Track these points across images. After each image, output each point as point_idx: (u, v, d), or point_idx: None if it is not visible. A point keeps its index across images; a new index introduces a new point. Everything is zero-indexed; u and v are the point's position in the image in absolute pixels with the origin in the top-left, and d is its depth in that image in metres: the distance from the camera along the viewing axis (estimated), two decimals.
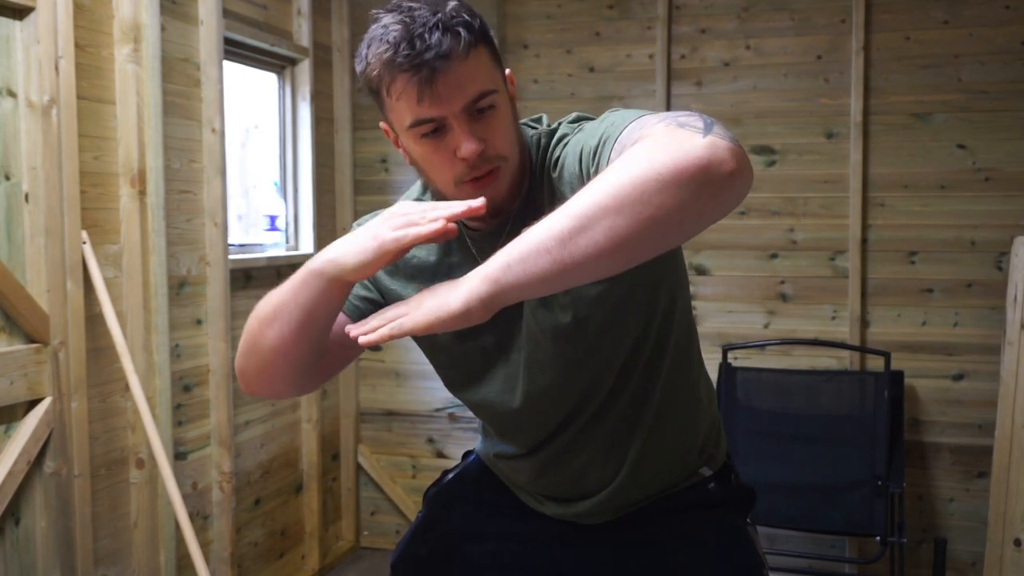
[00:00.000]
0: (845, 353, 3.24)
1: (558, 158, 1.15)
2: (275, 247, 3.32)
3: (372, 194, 3.67)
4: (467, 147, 1.06)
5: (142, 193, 2.46)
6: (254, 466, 3.10)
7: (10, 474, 2.06)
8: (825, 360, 3.28)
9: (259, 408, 3.13)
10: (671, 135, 0.91)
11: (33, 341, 2.15)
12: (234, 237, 3.05)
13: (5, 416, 2.10)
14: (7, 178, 2.11)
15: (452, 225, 0.97)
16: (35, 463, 2.15)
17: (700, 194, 0.86)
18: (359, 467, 3.74)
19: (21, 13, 2.10)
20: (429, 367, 1.33)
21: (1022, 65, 3.07)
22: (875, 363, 3.15)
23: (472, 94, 1.06)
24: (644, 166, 0.87)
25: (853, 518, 2.89)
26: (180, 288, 2.65)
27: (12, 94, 2.11)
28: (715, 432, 1.36)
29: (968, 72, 3.12)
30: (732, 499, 1.34)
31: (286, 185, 3.39)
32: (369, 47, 1.12)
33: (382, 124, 1.16)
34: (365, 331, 0.99)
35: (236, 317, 2.95)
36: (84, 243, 2.27)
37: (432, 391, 3.64)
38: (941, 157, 3.15)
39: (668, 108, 3.32)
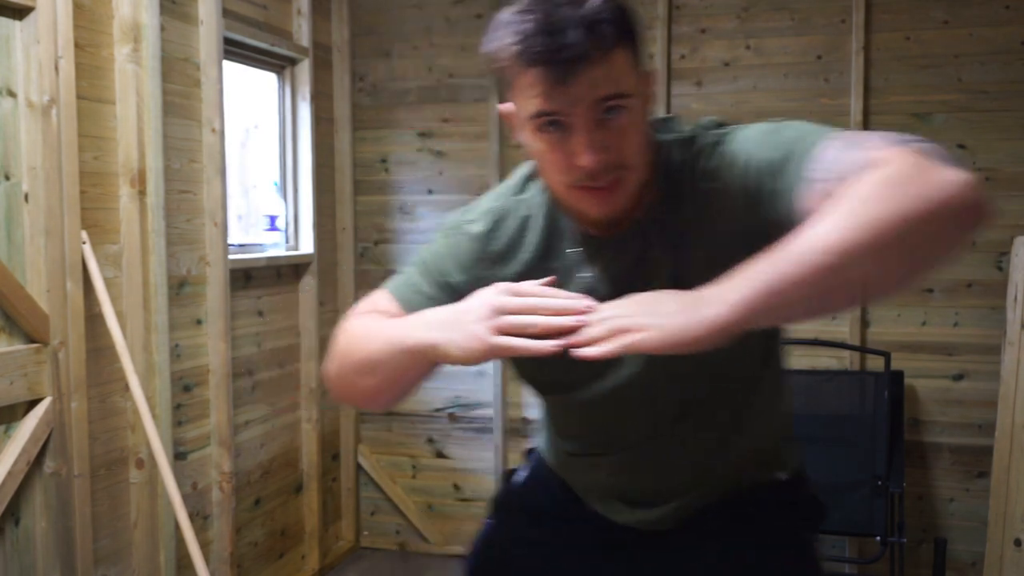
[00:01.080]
0: (845, 353, 3.23)
1: (713, 168, 1.05)
2: (275, 247, 3.32)
3: (372, 194, 3.67)
4: (586, 158, 0.98)
5: (142, 193, 2.46)
6: (254, 466, 3.10)
7: (10, 474, 2.06)
8: (825, 360, 3.28)
9: (259, 408, 3.13)
10: (919, 166, 0.84)
11: (33, 341, 2.15)
12: (234, 237, 3.05)
13: (5, 416, 2.10)
14: (7, 178, 2.10)
15: (558, 346, 0.93)
16: (35, 463, 2.15)
17: (961, 235, 0.84)
18: (359, 467, 3.73)
19: (21, 13, 2.10)
20: None
21: (1022, 65, 3.07)
22: (875, 363, 3.15)
23: (603, 94, 0.98)
24: (907, 202, 0.81)
25: (853, 518, 2.89)
26: (180, 288, 2.65)
27: (12, 94, 2.11)
28: (791, 438, 1.32)
29: (968, 72, 3.12)
30: (802, 507, 1.28)
31: (286, 185, 3.39)
32: (502, 29, 1.01)
33: (501, 109, 1.10)
34: (590, 353, 0.91)
35: (236, 317, 2.95)
36: (84, 243, 2.27)
37: (432, 391, 3.63)
38: None
39: (668, 108, 3.33)
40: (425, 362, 1.04)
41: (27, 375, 2.12)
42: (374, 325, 1.11)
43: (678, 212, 1.08)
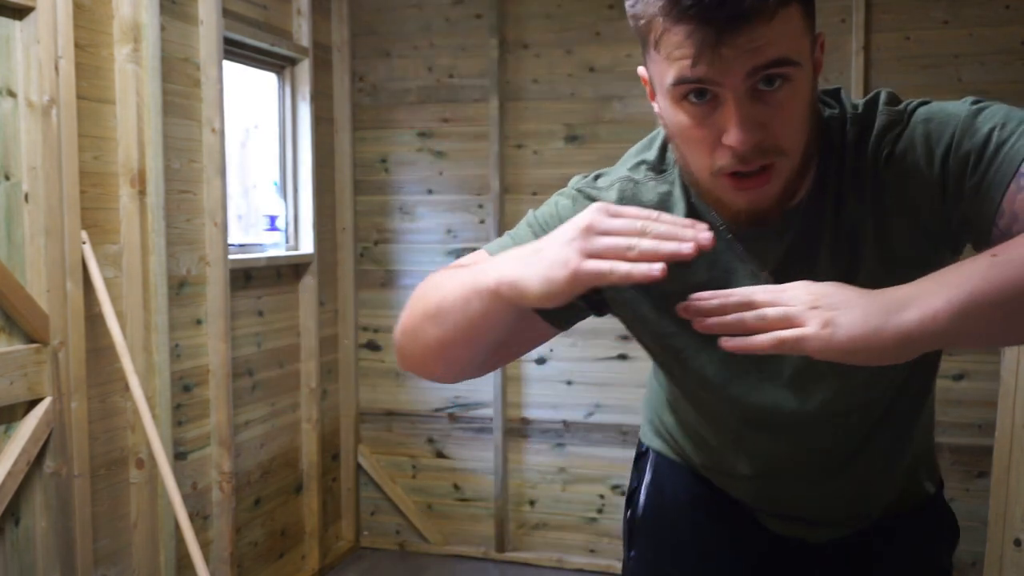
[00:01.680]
0: None
1: (898, 153, 0.90)
2: (275, 247, 3.32)
3: (372, 194, 3.67)
4: (737, 135, 0.82)
5: (142, 193, 2.46)
6: (254, 466, 3.10)
7: (10, 474, 2.06)
8: None
9: (259, 408, 3.13)
10: None
11: (33, 341, 2.15)
12: (234, 237, 3.05)
13: (5, 416, 2.10)
14: (7, 178, 2.10)
15: (662, 270, 0.73)
16: (35, 463, 2.15)
17: None
18: (359, 467, 3.73)
19: (21, 13, 2.10)
20: None
21: (1022, 65, 3.07)
22: None
23: (763, 61, 0.80)
24: None
25: None
26: (180, 288, 2.65)
27: (12, 94, 2.11)
28: (933, 437, 1.22)
29: (968, 72, 3.12)
30: (947, 528, 1.23)
31: (286, 185, 3.39)
32: None
33: (640, 70, 0.94)
34: (742, 344, 0.77)
35: (236, 317, 2.95)
36: (84, 243, 2.27)
37: (432, 391, 3.64)
38: None
39: None
40: (502, 306, 0.85)
41: (27, 375, 2.12)
42: (454, 272, 0.94)
43: (848, 203, 0.93)
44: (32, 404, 2.15)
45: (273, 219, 3.33)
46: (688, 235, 0.74)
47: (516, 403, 3.57)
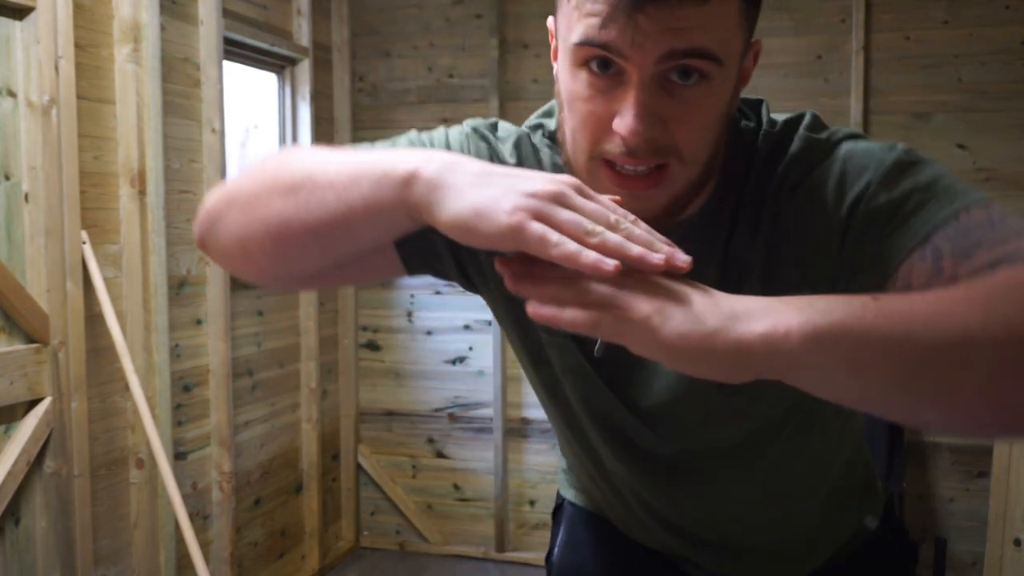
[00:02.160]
0: None
1: (810, 184, 0.79)
2: None
3: None
4: (630, 123, 0.70)
5: (142, 193, 2.46)
6: (254, 466, 3.10)
7: (10, 474, 2.06)
8: None
9: (259, 408, 3.13)
10: None
11: (33, 341, 2.15)
12: None
13: (5, 416, 2.10)
14: (7, 178, 2.10)
15: (615, 267, 0.60)
16: (35, 463, 2.15)
17: None
18: (359, 467, 3.73)
19: (21, 13, 2.10)
20: (429, 367, 1.23)
21: (1022, 65, 3.07)
22: None
23: (683, 46, 0.69)
24: None
25: None
26: (180, 288, 2.65)
27: (12, 94, 2.11)
28: (871, 467, 1.09)
29: (968, 72, 3.12)
30: (898, 555, 1.09)
31: None
32: None
33: (549, 21, 0.82)
34: (549, 315, 0.61)
35: (236, 317, 2.95)
36: (84, 243, 2.27)
37: (432, 391, 3.64)
38: (941, 157, 3.15)
39: None
40: (396, 205, 0.67)
41: (27, 375, 2.12)
42: (330, 151, 0.76)
43: (741, 229, 0.82)
44: (32, 404, 2.15)
45: None
46: (664, 248, 0.62)
47: (516, 403, 3.57)
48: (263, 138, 3.36)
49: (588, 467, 1.03)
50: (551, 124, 0.91)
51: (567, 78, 0.75)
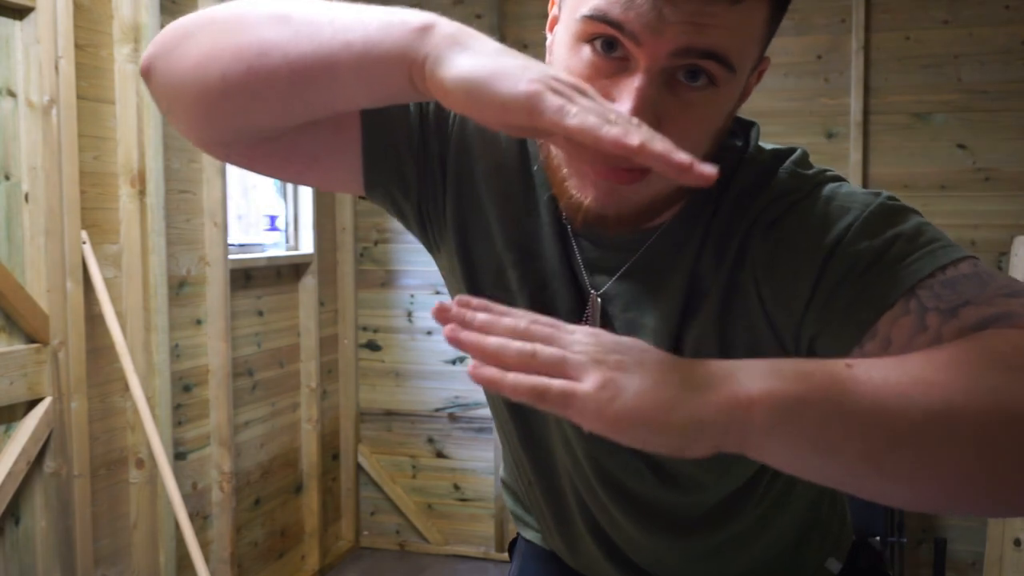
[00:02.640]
0: None
1: (777, 219, 0.74)
2: (275, 247, 3.32)
3: None
4: (627, 104, 0.65)
5: (142, 193, 2.46)
6: (254, 466, 3.10)
7: (10, 474, 2.05)
8: None
9: (259, 408, 3.13)
10: None
11: (33, 341, 2.15)
12: (234, 237, 3.05)
13: (5, 416, 2.10)
14: (7, 178, 2.10)
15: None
16: (35, 463, 2.15)
17: None
18: (359, 467, 3.74)
19: (21, 13, 2.10)
20: (429, 367, 1.20)
21: (1022, 65, 3.07)
22: None
23: (701, 45, 0.64)
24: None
25: (853, 518, 2.89)
26: (180, 288, 2.65)
27: (12, 94, 2.11)
28: (839, 506, 1.03)
29: (968, 72, 3.12)
30: None
31: (286, 185, 3.39)
32: None
33: None
34: (491, 378, 0.54)
35: (236, 317, 2.95)
36: (84, 243, 2.27)
37: (432, 391, 3.63)
38: (941, 157, 3.15)
39: None
40: (401, 70, 0.62)
41: (27, 375, 2.12)
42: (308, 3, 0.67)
43: (708, 252, 0.76)
44: (32, 404, 2.15)
45: (273, 219, 3.33)
46: (687, 156, 0.55)
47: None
48: None
49: (544, 497, 0.94)
50: None
51: (564, 51, 0.69)
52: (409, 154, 0.80)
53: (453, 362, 3.57)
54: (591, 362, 0.54)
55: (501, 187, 0.81)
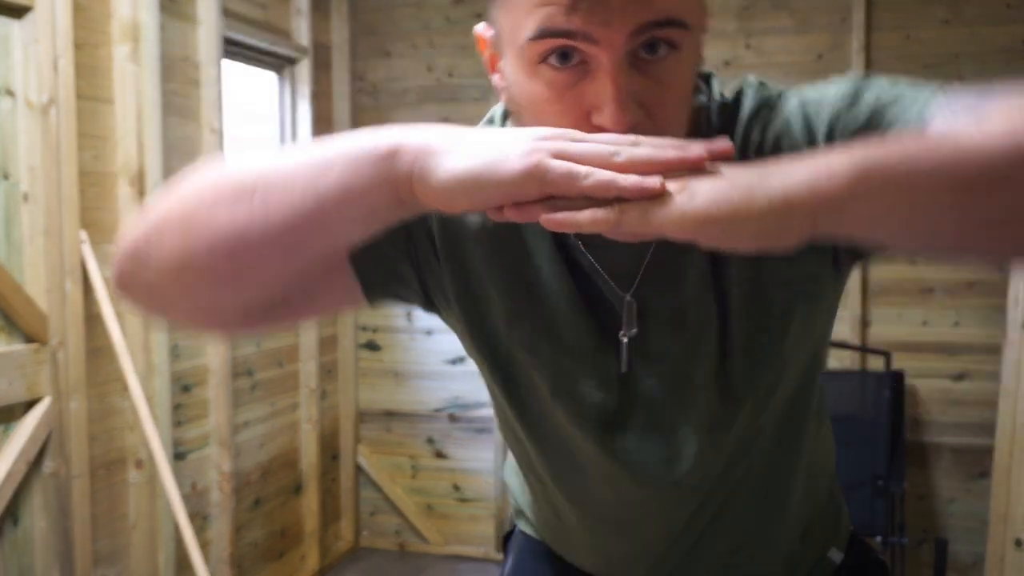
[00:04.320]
0: (846, 353, 3.23)
1: (770, 140, 0.74)
2: None
3: None
4: (613, 114, 0.64)
5: (141, 193, 2.46)
6: (254, 466, 3.10)
7: (9, 475, 2.05)
8: None
9: (259, 408, 3.13)
10: None
11: (32, 341, 2.14)
12: None
13: (4, 416, 2.10)
14: (5, 178, 2.10)
15: (661, 185, 0.57)
16: (34, 464, 2.14)
17: None
18: (359, 467, 3.73)
19: (20, 12, 2.09)
20: (429, 367, 1.17)
21: (1023, 65, 3.07)
22: (876, 363, 3.15)
23: (653, 16, 0.63)
24: None
25: (853, 518, 2.88)
26: None
27: (11, 94, 2.10)
28: (837, 495, 1.03)
29: (969, 71, 3.11)
30: None
31: None
32: None
33: (478, 29, 0.75)
34: (566, 219, 0.57)
35: None
36: (83, 243, 2.27)
37: (432, 391, 3.63)
38: None
39: None
40: (382, 186, 0.61)
41: (26, 375, 2.12)
42: (282, 151, 0.66)
43: None
44: (31, 404, 2.14)
45: None
46: (695, 146, 0.58)
47: None
48: (263, 138, 3.35)
49: (559, 496, 0.93)
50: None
51: (523, 82, 0.68)
52: (399, 254, 0.80)
53: (453, 362, 3.57)
54: (665, 181, 0.56)
55: (492, 244, 0.80)
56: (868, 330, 3.23)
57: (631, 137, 0.60)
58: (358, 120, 3.64)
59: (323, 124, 3.51)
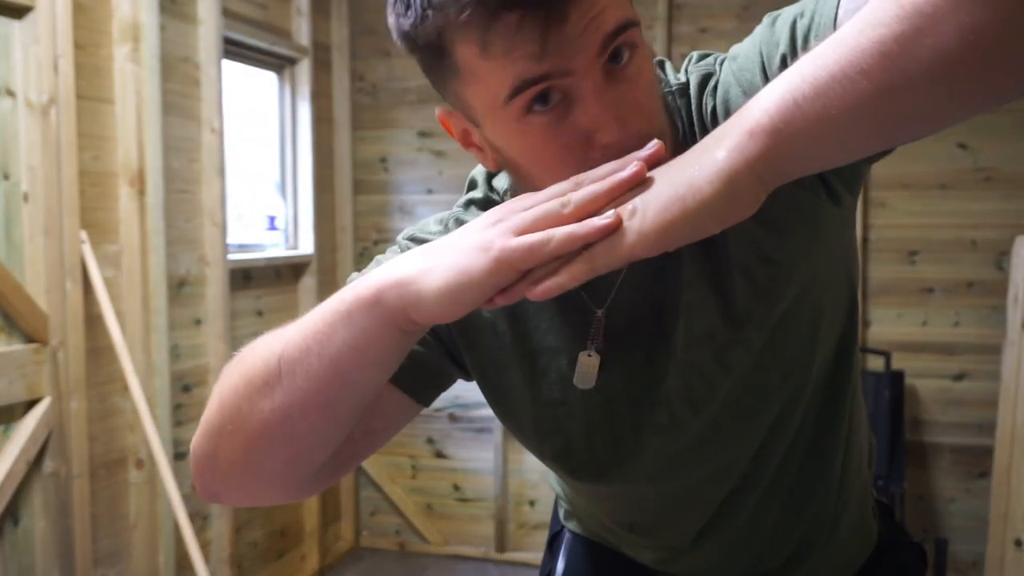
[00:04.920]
0: None
1: (713, 106, 0.75)
2: (274, 247, 3.32)
3: (372, 194, 3.67)
4: (615, 128, 0.66)
5: (141, 193, 2.46)
6: None
7: (9, 475, 2.05)
8: None
9: None
10: None
11: (32, 341, 2.14)
12: (233, 237, 3.05)
13: (4, 416, 2.10)
14: (6, 178, 2.10)
15: (615, 217, 0.59)
16: (34, 463, 2.14)
17: None
18: (359, 467, 3.73)
19: (20, 12, 2.10)
20: None
21: None
22: (876, 363, 3.15)
23: (610, 28, 0.65)
24: None
25: None
26: (179, 288, 2.65)
27: (11, 94, 2.10)
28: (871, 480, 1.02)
29: None
30: (911, 562, 1.04)
31: (286, 185, 3.39)
32: None
33: (440, 112, 0.75)
34: (553, 285, 0.60)
35: (235, 317, 2.94)
36: (83, 243, 2.27)
37: None
38: (942, 157, 3.15)
39: None
40: (382, 328, 0.65)
41: (26, 375, 2.12)
42: (287, 327, 0.72)
43: None
44: (31, 404, 2.14)
45: (273, 219, 3.32)
46: (630, 159, 0.61)
47: None
48: (263, 138, 3.35)
49: (600, 510, 0.98)
50: (479, 194, 0.86)
51: (515, 140, 0.70)
52: (430, 350, 0.84)
53: None
54: (611, 211, 0.60)
55: (496, 313, 0.84)
56: (868, 330, 3.23)
57: (570, 181, 0.63)
58: (358, 120, 3.64)
59: (323, 124, 3.51)
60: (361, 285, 0.66)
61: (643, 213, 0.58)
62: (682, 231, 0.58)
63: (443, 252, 0.64)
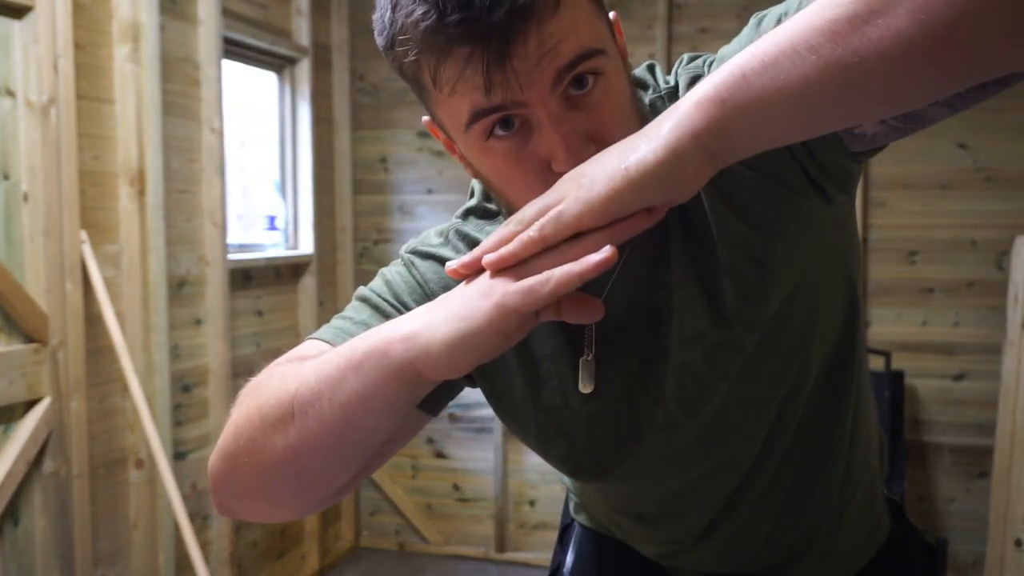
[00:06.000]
0: None
1: None
2: (274, 247, 3.32)
3: (372, 194, 3.67)
4: (567, 159, 0.67)
5: (141, 193, 2.46)
6: None
7: (9, 475, 2.05)
8: None
9: None
10: None
11: (32, 341, 2.14)
12: (233, 237, 3.05)
13: (4, 416, 2.10)
14: (6, 178, 2.10)
15: (613, 253, 0.59)
16: (34, 463, 2.14)
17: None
18: None
19: (20, 12, 2.10)
20: None
21: None
22: (876, 363, 3.15)
23: (566, 60, 0.66)
24: None
25: None
26: (179, 288, 2.65)
27: (11, 94, 2.10)
28: (882, 475, 1.04)
29: None
30: (919, 558, 1.06)
31: (285, 185, 3.39)
32: (395, 10, 0.68)
33: (426, 120, 0.80)
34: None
35: (235, 317, 2.94)
36: (83, 243, 2.27)
37: None
38: (942, 156, 3.15)
39: None
40: (390, 378, 0.66)
41: (26, 375, 2.12)
42: (299, 363, 0.78)
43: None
44: (31, 404, 2.14)
45: (273, 219, 3.32)
46: (597, 259, 0.61)
47: None
48: (263, 138, 3.35)
49: (608, 505, 1.01)
50: (474, 203, 0.89)
51: (481, 160, 0.73)
52: None
53: None
54: (562, 185, 0.62)
55: None
56: (868, 330, 3.23)
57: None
58: (358, 120, 3.64)
59: (323, 124, 3.51)
60: (374, 336, 0.68)
61: (590, 183, 0.60)
62: (627, 200, 0.59)
63: (448, 301, 0.65)
